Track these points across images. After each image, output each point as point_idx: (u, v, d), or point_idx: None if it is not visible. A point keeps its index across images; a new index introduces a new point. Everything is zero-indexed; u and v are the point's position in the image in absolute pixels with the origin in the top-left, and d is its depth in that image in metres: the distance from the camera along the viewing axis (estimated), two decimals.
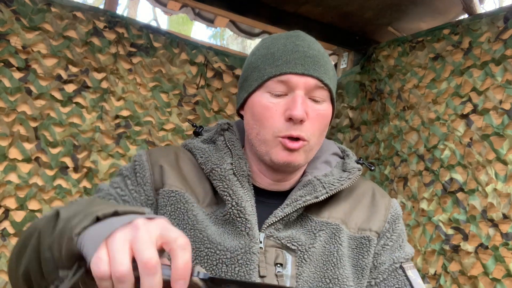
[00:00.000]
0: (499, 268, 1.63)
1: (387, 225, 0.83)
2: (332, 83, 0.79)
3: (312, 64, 0.76)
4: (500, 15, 1.80)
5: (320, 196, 0.78)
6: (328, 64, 0.79)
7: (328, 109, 0.79)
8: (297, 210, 0.77)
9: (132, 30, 2.02)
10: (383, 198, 0.86)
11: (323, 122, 0.78)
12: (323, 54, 0.80)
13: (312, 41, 0.82)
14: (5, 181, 1.71)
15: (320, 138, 0.79)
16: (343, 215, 0.81)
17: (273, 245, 0.76)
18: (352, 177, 0.82)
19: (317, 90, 0.76)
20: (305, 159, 0.78)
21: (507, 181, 1.67)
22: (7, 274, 1.69)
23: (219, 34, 9.48)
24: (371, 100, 2.34)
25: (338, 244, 0.77)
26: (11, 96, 1.75)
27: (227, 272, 0.74)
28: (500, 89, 1.76)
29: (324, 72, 0.77)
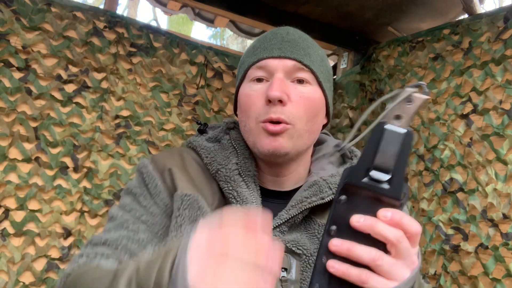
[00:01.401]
0: (499, 268, 1.63)
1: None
2: (316, 65, 0.76)
3: (290, 47, 0.76)
4: (500, 15, 1.80)
5: (326, 197, 0.75)
6: (311, 48, 0.78)
7: (313, 91, 0.76)
8: (302, 212, 0.74)
9: (132, 30, 2.02)
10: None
11: (309, 105, 0.74)
12: (306, 39, 0.79)
13: (295, 30, 0.81)
14: (5, 181, 1.71)
15: (309, 124, 0.75)
16: None
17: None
18: None
19: (298, 72, 0.75)
20: (292, 146, 0.74)
21: (507, 181, 1.67)
22: (7, 274, 1.69)
23: (219, 34, 9.48)
24: (371, 100, 2.34)
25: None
26: (11, 96, 1.75)
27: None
28: (500, 89, 1.76)
29: (304, 54, 0.76)
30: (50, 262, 1.77)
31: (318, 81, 0.77)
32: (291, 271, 0.72)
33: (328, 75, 0.81)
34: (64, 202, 1.81)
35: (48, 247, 1.77)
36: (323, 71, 0.79)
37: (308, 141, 0.78)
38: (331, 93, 0.82)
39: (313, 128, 0.77)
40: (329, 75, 0.81)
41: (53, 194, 1.80)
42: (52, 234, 1.78)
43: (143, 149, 2.00)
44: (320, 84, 0.77)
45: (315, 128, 0.78)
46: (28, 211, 1.75)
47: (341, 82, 2.50)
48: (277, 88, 0.71)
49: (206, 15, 2.46)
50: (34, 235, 1.75)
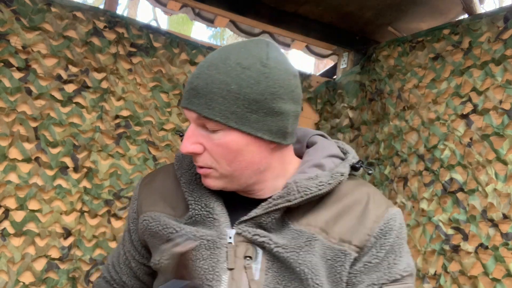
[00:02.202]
0: (499, 268, 1.63)
1: (372, 240, 0.78)
2: (219, 112, 0.73)
3: (193, 97, 0.75)
4: (500, 15, 1.80)
5: (293, 200, 0.76)
6: (217, 93, 0.73)
7: (226, 137, 0.74)
8: (268, 213, 0.77)
9: (132, 30, 2.02)
10: (377, 208, 0.80)
11: (223, 151, 0.75)
12: (212, 82, 0.73)
13: (210, 64, 0.76)
14: (5, 181, 1.71)
15: (234, 165, 0.76)
16: (324, 224, 0.78)
17: (243, 240, 0.78)
18: (333, 183, 0.78)
19: (203, 122, 0.75)
20: (225, 184, 0.79)
21: (507, 181, 1.67)
22: (7, 274, 1.69)
23: (219, 34, 9.48)
24: (371, 100, 2.34)
25: (311, 254, 0.76)
26: (11, 96, 1.75)
27: (196, 268, 0.77)
28: (500, 89, 1.76)
29: (204, 104, 0.73)
30: (50, 262, 1.77)
31: (228, 125, 0.73)
32: (257, 260, 0.78)
33: (253, 105, 0.73)
34: (64, 202, 1.81)
35: (48, 247, 1.77)
36: (237, 109, 0.73)
37: (249, 176, 0.78)
38: (271, 119, 0.75)
39: (242, 166, 0.77)
40: (257, 104, 0.74)
41: (53, 194, 1.80)
42: (52, 234, 1.78)
43: (143, 149, 2.00)
44: (233, 127, 0.74)
45: (248, 164, 0.77)
46: (28, 211, 1.75)
47: (341, 82, 2.50)
48: (186, 143, 0.75)
49: (206, 15, 2.46)
50: (34, 235, 1.75)
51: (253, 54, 0.75)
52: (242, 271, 0.77)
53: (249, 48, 0.76)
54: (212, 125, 0.74)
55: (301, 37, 2.47)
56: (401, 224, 0.81)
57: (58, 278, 1.78)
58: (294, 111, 0.78)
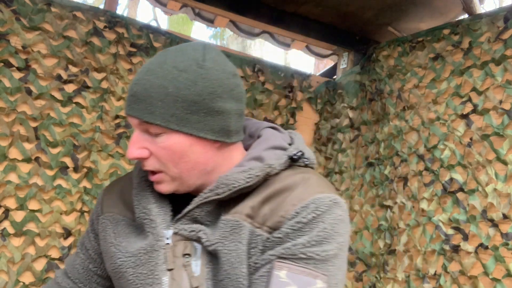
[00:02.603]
0: (499, 268, 1.63)
1: (285, 221, 0.74)
2: (159, 115, 0.74)
3: (132, 103, 0.76)
4: (500, 15, 1.80)
5: (221, 193, 0.77)
6: (154, 97, 0.74)
7: (169, 140, 0.75)
8: (199, 206, 0.79)
9: (132, 30, 2.02)
10: (303, 193, 0.76)
11: (169, 154, 0.76)
12: (150, 87, 0.74)
13: (148, 70, 0.76)
14: (5, 181, 1.71)
15: (180, 167, 0.77)
16: (250, 210, 0.77)
17: (180, 239, 0.80)
18: (260, 174, 0.77)
19: (145, 127, 0.76)
20: (177, 186, 0.80)
21: (507, 181, 1.67)
22: (7, 274, 1.69)
23: (219, 34, 9.48)
24: (371, 100, 2.34)
25: (237, 242, 0.75)
26: (11, 96, 1.75)
27: (133, 275, 0.79)
28: (500, 89, 1.76)
29: (143, 109, 0.74)
30: (50, 262, 1.77)
31: (170, 128, 0.75)
32: (197, 255, 0.79)
33: (193, 106, 0.74)
34: (64, 202, 1.81)
35: (48, 247, 1.77)
36: (177, 111, 0.74)
37: (196, 176, 0.80)
38: (211, 119, 0.76)
39: (189, 167, 0.78)
40: (196, 105, 0.74)
41: (53, 194, 1.80)
42: (52, 234, 1.78)
43: None
44: (175, 130, 0.75)
45: (194, 164, 0.78)
46: (28, 211, 1.75)
47: (341, 82, 2.50)
48: (131, 149, 0.77)
49: (206, 15, 2.46)
50: (34, 235, 1.75)
51: (189, 57, 0.76)
52: (182, 270, 0.78)
53: (185, 51, 0.77)
54: (154, 129, 0.75)
55: (301, 37, 2.47)
56: (327, 210, 0.74)
57: None
58: (236, 109, 0.79)
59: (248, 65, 2.30)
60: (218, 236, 0.76)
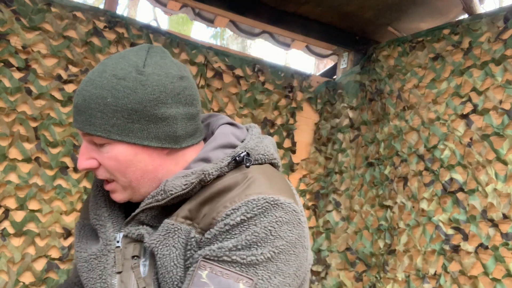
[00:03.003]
0: (499, 268, 1.63)
1: (215, 222, 0.72)
2: (100, 126, 0.73)
3: (76, 114, 0.76)
4: (500, 15, 1.80)
5: (161, 200, 0.76)
6: (94, 108, 0.73)
7: (113, 150, 0.75)
8: (143, 211, 0.78)
9: (132, 30, 2.01)
10: (238, 195, 0.73)
11: (115, 164, 0.76)
12: (89, 97, 0.73)
13: (89, 80, 0.75)
14: (5, 181, 1.71)
15: (129, 176, 0.77)
16: (187, 212, 0.75)
17: (130, 241, 0.80)
18: (195, 182, 0.74)
19: (91, 138, 0.76)
20: (130, 195, 0.80)
21: (507, 181, 1.67)
22: (7, 274, 1.69)
23: (219, 34, 9.47)
24: (371, 100, 2.34)
25: (172, 246, 0.74)
26: (11, 96, 1.75)
27: (86, 279, 0.80)
28: (500, 89, 1.76)
29: (84, 120, 0.74)
30: (50, 262, 1.77)
31: (111, 138, 0.74)
32: (146, 256, 0.79)
33: (134, 114, 0.73)
34: (64, 202, 1.81)
35: (48, 247, 1.77)
36: (118, 121, 0.73)
37: (147, 183, 0.79)
38: (154, 126, 0.74)
39: (138, 175, 0.77)
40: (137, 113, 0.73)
41: (53, 194, 1.80)
42: (52, 234, 1.78)
43: None
44: (117, 140, 0.74)
45: (143, 172, 0.77)
46: (28, 211, 1.75)
47: (341, 82, 2.50)
48: (80, 160, 0.78)
49: (206, 15, 2.46)
50: (34, 235, 1.75)
51: (130, 63, 0.74)
52: (130, 272, 0.78)
53: (126, 57, 0.75)
54: (97, 139, 0.75)
55: (301, 37, 2.47)
56: (261, 212, 0.70)
57: (58, 278, 1.77)
58: (184, 113, 0.77)
59: (248, 65, 2.30)
60: (154, 239, 0.75)
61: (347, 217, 2.28)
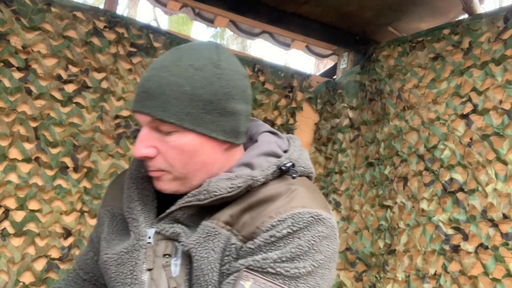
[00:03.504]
0: (499, 268, 1.63)
1: (259, 232, 0.73)
2: (174, 113, 0.72)
3: (144, 100, 0.74)
4: (500, 15, 1.80)
5: (203, 200, 0.76)
6: (170, 94, 0.72)
7: (181, 139, 0.74)
8: (181, 209, 0.78)
9: (132, 30, 2.02)
10: (283, 206, 0.74)
11: (179, 153, 0.75)
12: (165, 84, 0.73)
13: (162, 66, 0.75)
14: (5, 181, 1.71)
15: (188, 167, 0.76)
16: (229, 217, 0.75)
17: (162, 238, 0.79)
18: (242, 186, 0.75)
19: (158, 124, 0.74)
20: (178, 186, 0.78)
21: (507, 181, 1.67)
22: (7, 274, 1.69)
23: (219, 34, 9.47)
24: (371, 100, 2.34)
25: (211, 249, 0.74)
26: (11, 96, 1.75)
27: (115, 273, 0.79)
28: (500, 89, 1.76)
29: (156, 106, 0.72)
30: (50, 262, 1.77)
31: (183, 127, 0.73)
32: (177, 255, 0.78)
33: (208, 106, 0.74)
34: (64, 202, 1.81)
35: (48, 247, 1.77)
36: (192, 110, 0.73)
37: (200, 176, 0.78)
38: (224, 119, 0.76)
39: (196, 167, 0.77)
40: (211, 104, 0.74)
41: (53, 194, 1.80)
42: (52, 234, 1.78)
43: None
44: (189, 129, 0.74)
45: (202, 164, 0.77)
46: (28, 211, 1.75)
47: (341, 82, 2.50)
48: (139, 147, 0.75)
49: (206, 15, 2.46)
50: (34, 235, 1.75)
51: (205, 56, 0.75)
52: (161, 270, 0.77)
53: (199, 50, 0.76)
54: (166, 127, 0.73)
55: (301, 37, 2.47)
56: (306, 226, 0.71)
57: (58, 278, 1.77)
58: (245, 111, 0.78)
59: (248, 65, 2.30)
60: (193, 241, 0.75)
61: (347, 217, 2.28)
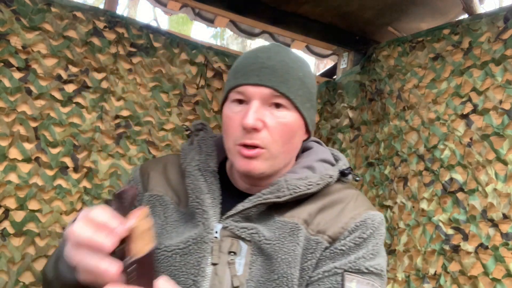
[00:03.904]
0: (499, 268, 1.63)
1: (346, 233, 0.80)
2: (292, 91, 0.80)
3: (267, 74, 0.78)
4: (500, 15, 1.80)
5: (282, 196, 0.79)
6: (289, 74, 0.80)
7: (289, 117, 0.80)
8: (256, 206, 0.79)
9: (132, 30, 2.02)
10: (357, 208, 0.83)
11: (285, 130, 0.80)
12: (286, 64, 0.81)
13: (278, 51, 0.83)
14: (5, 181, 1.71)
15: (285, 146, 0.81)
16: (307, 216, 0.80)
17: (229, 235, 0.80)
18: (321, 183, 0.82)
19: (274, 99, 0.79)
20: (268, 167, 0.80)
21: (507, 181, 1.67)
22: (7, 274, 1.69)
23: (219, 34, 9.47)
24: (371, 100, 2.34)
25: (296, 243, 0.77)
26: (11, 96, 1.75)
27: (181, 262, 0.79)
28: (500, 89, 1.76)
29: (281, 82, 0.79)
30: None
31: (295, 106, 0.81)
32: (241, 254, 0.79)
33: (308, 94, 0.84)
34: (64, 202, 1.81)
35: (48, 247, 1.77)
36: (302, 94, 0.82)
37: (285, 160, 0.84)
38: (312, 111, 0.86)
39: (289, 148, 0.83)
40: (310, 95, 0.85)
41: (53, 194, 1.80)
42: (52, 234, 1.78)
43: (143, 149, 2.00)
44: (298, 108, 0.82)
45: (292, 147, 0.84)
46: (28, 211, 1.75)
47: (341, 82, 2.50)
48: (251, 117, 0.77)
49: (206, 15, 2.46)
50: (34, 235, 1.75)
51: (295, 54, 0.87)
52: (225, 267, 0.78)
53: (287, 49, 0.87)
54: (282, 101, 0.79)
55: (301, 37, 2.47)
56: (378, 226, 0.82)
57: None
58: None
59: None
60: (276, 236, 0.77)
61: None
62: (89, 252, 0.56)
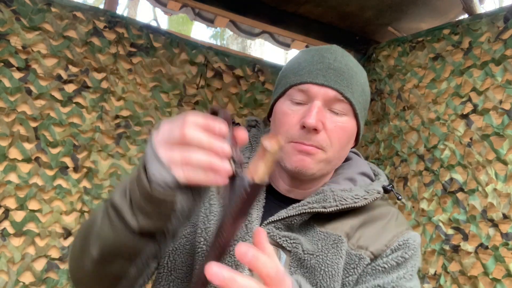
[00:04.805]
0: (499, 268, 1.63)
1: (388, 251, 0.79)
2: (355, 97, 0.79)
3: (334, 76, 0.77)
4: (500, 15, 1.80)
5: (328, 207, 0.77)
6: (354, 78, 0.79)
7: (348, 122, 0.79)
8: (300, 215, 0.77)
9: (132, 30, 2.02)
10: (399, 226, 0.82)
11: (343, 135, 0.78)
12: (351, 69, 0.80)
13: (343, 54, 0.81)
14: (5, 181, 1.71)
15: (340, 152, 0.80)
16: (349, 229, 0.78)
17: (269, 242, 0.76)
18: (369, 198, 0.80)
19: (337, 102, 0.77)
20: (319, 168, 0.78)
21: (507, 181, 1.67)
22: (7, 274, 1.69)
23: (219, 34, 9.47)
24: (371, 100, 2.33)
25: (339, 256, 0.75)
26: (11, 96, 1.75)
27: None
28: (500, 89, 1.76)
29: (346, 85, 0.77)
30: (50, 262, 1.77)
31: (354, 112, 0.79)
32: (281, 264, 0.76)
33: (365, 103, 0.83)
34: (64, 202, 1.81)
35: (48, 247, 1.77)
36: (362, 101, 0.81)
37: (335, 165, 0.83)
38: (364, 119, 0.85)
39: (342, 155, 0.82)
40: (366, 103, 0.84)
41: (53, 194, 1.80)
42: (52, 234, 1.78)
43: (143, 149, 2.00)
44: (356, 116, 0.80)
45: (344, 154, 0.83)
46: (28, 211, 1.75)
47: None
48: (314, 116, 0.75)
49: (206, 15, 2.46)
50: (34, 235, 1.75)
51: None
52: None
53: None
54: (344, 106, 0.78)
55: (301, 37, 2.47)
56: (417, 247, 0.81)
57: (58, 278, 1.77)
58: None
59: (248, 65, 2.30)
60: (319, 248, 0.75)
61: None
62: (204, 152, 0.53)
